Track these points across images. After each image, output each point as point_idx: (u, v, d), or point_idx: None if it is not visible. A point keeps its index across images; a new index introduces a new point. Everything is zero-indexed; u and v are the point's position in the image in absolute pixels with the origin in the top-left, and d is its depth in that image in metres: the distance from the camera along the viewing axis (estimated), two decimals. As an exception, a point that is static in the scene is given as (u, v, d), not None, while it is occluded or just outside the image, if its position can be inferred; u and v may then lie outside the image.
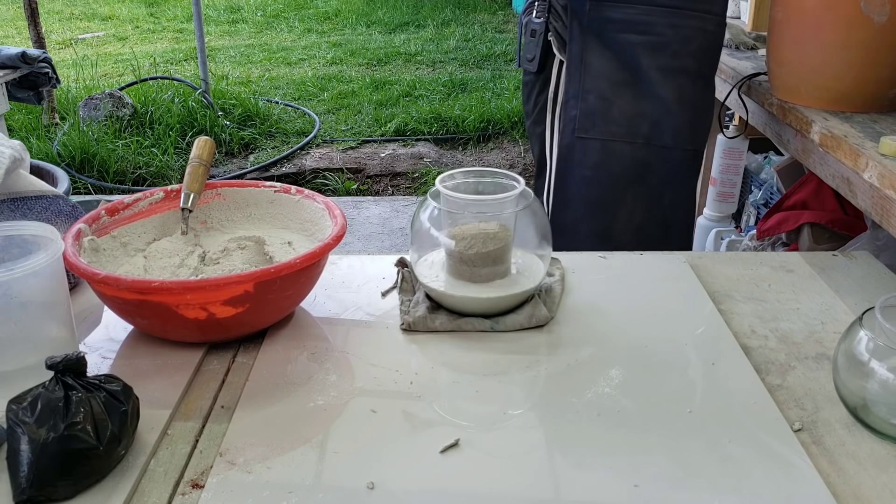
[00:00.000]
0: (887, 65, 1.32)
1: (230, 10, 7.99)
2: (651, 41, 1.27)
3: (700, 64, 1.31)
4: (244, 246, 0.96)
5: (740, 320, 0.93)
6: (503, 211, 0.90)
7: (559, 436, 0.72)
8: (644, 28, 1.28)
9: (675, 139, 1.34)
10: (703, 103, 1.37)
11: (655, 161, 1.34)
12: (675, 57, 1.28)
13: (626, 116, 1.31)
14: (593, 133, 1.33)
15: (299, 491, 0.66)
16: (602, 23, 1.30)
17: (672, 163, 1.36)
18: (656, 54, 1.28)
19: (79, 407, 0.65)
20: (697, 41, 1.27)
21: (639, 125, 1.30)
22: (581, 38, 1.32)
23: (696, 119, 1.36)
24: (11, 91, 2.75)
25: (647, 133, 1.31)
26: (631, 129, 1.31)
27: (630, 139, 1.31)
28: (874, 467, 0.69)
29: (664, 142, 1.34)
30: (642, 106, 1.30)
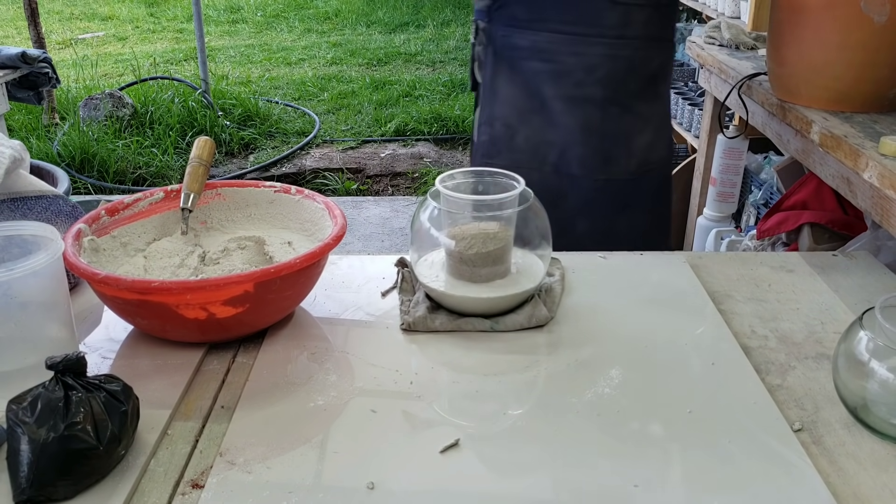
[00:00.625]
0: (887, 65, 1.32)
1: (230, 10, 7.99)
2: (555, 69, 1.22)
3: (612, 91, 1.23)
4: (244, 246, 0.96)
5: (740, 320, 0.93)
6: (503, 211, 0.90)
7: (559, 436, 0.72)
8: (548, 56, 1.23)
9: (582, 168, 1.29)
10: (620, 132, 1.28)
11: (567, 189, 1.30)
12: (578, 86, 1.23)
13: (531, 144, 1.28)
14: (499, 159, 1.31)
15: (299, 491, 0.66)
16: (512, 49, 1.26)
17: (582, 192, 1.30)
18: (559, 83, 1.23)
19: (79, 407, 0.65)
20: (605, 69, 1.20)
21: (546, 153, 1.26)
22: (493, 64, 1.30)
23: (608, 148, 1.29)
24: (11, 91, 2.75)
25: (555, 161, 1.27)
26: (537, 156, 1.27)
27: (537, 166, 1.27)
28: (874, 467, 0.69)
29: (571, 170, 1.29)
30: (548, 134, 1.26)
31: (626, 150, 1.29)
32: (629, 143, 1.29)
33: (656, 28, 1.18)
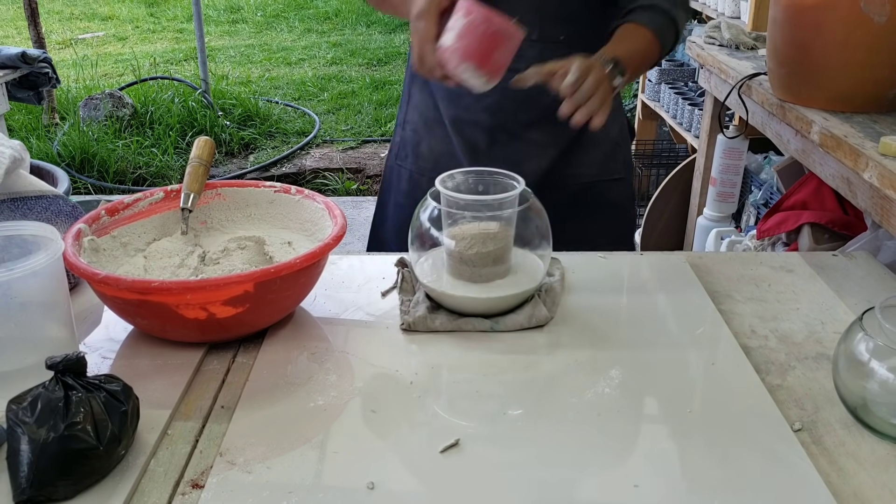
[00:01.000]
0: (887, 65, 1.32)
1: (230, 10, 7.99)
2: (449, 90, 1.21)
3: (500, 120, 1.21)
4: (244, 246, 0.96)
5: (740, 320, 0.93)
6: (503, 211, 0.90)
7: (559, 436, 0.72)
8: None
9: None
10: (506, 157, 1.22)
11: None
12: (467, 110, 1.22)
13: (433, 154, 1.28)
14: (406, 163, 1.32)
15: (299, 491, 0.66)
16: None
17: None
18: (451, 104, 1.23)
19: (79, 407, 0.64)
20: (493, 98, 1.16)
21: (446, 165, 1.26)
22: (411, 70, 1.30)
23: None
24: (11, 91, 2.75)
25: None
26: (438, 167, 1.25)
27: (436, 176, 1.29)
28: (874, 467, 0.69)
29: None
30: (450, 147, 1.26)
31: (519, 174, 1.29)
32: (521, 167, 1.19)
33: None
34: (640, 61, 1.08)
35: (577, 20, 1.13)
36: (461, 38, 0.87)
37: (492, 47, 0.87)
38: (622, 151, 1.30)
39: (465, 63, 0.87)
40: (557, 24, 1.14)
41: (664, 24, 1.09)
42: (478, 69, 0.87)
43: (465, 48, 0.87)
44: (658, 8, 1.09)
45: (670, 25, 1.10)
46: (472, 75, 0.88)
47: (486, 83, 0.90)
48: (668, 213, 2.56)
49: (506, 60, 0.90)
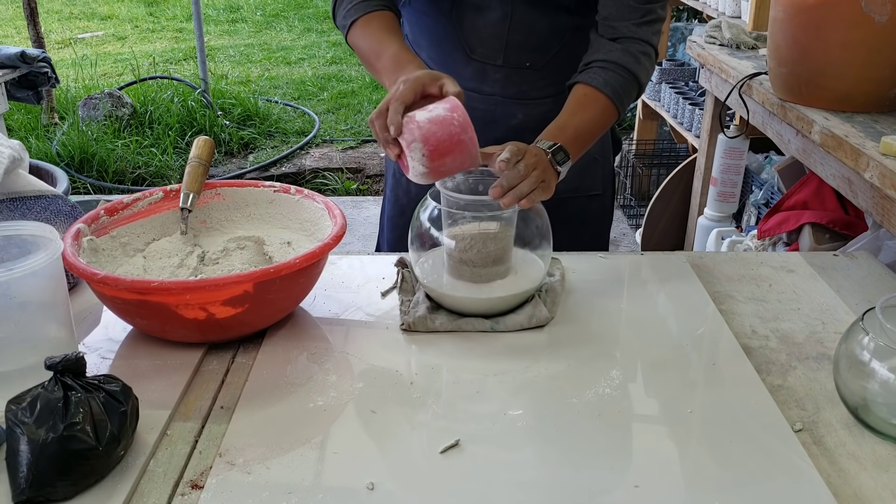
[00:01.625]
0: (888, 64, 1.32)
1: (230, 9, 7.99)
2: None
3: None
4: (243, 246, 0.96)
5: (741, 320, 0.93)
6: (503, 211, 0.90)
7: (559, 436, 0.72)
8: None
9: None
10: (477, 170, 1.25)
11: None
12: None
13: None
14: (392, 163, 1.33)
15: (299, 491, 0.65)
16: None
17: None
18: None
19: (78, 407, 0.64)
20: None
21: None
22: None
23: None
24: (10, 91, 2.75)
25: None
26: None
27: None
28: (875, 467, 0.69)
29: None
30: None
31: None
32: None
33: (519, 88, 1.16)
34: (590, 135, 1.03)
35: (543, 48, 1.13)
36: (432, 123, 0.85)
37: (450, 150, 0.85)
38: (601, 167, 1.28)
39: (418, 143, 0.85)
40: (523, 52, 1.14)
41: (623, 85, 1.04)
42: (425, 157, 0.85)
43: (430, 133, 0.85)
44: (619, 66, 1.04)
45: (631, 84, 1.05)
46: (416, 158, 0.85)
47: (419, 173, 0.87)
48: (668, 213, 2.56)
49: (451, 171, 0.87)
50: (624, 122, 4.28)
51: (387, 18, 1.09)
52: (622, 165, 3.41)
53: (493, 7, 1.10)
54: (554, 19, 1.11)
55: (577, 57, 1.12)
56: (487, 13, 1.11)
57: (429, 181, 0.89)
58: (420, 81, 0.90)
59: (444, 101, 0.88)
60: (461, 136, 0.85)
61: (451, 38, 1.15)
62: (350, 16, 1.12)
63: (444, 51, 1.16)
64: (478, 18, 1.12)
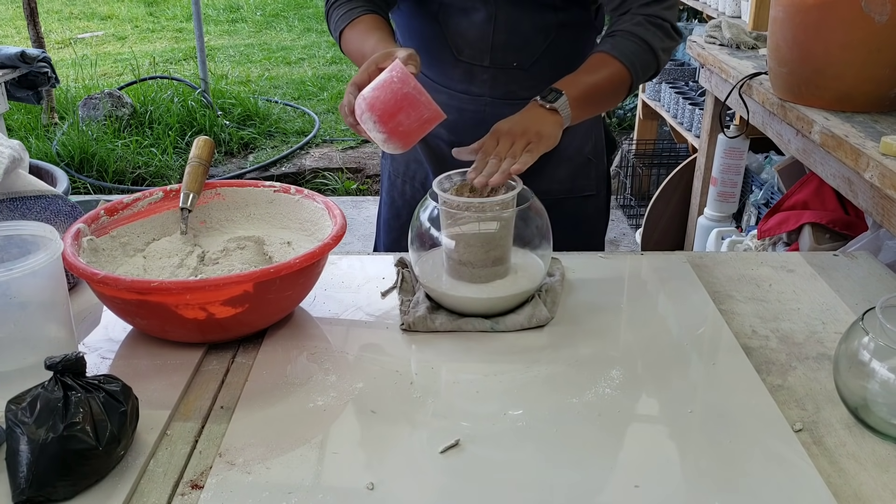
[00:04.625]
0: (888, 64, 1.32)
1: (229, 9, 7.99)
2: None
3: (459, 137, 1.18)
4: (243, 246, 0.96)
5: (741, 320, 0.93)
6: (503, 211, 0.90)
7: (559, 436, 0.72)
8: None
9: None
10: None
11: None
12: None
13: (405, 158, 1.30)
14: (386, 163, 1.34)
15: (299, 491, 0.65)
16: None
17: None
18: None
19: (78, 407, 0.64)
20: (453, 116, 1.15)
21: (415, 170, 1.28)
22: None
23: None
24: (10, 91, 2.75)
25: (423, 180, 1.29)
26: (409, 171, 1.30)
27: (409, 180, 1.30)
28: (875, 467, 0.69)
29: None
30: (417, 155, 1.27)
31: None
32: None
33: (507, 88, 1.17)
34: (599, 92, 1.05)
35: (529, 48, 1.13)
36: (374, 90, 0.85)
37: (398, 108, 0.84)
38: (596, 167, 1.29)
39: (367, 113, 0.85)
40: (509, 52, 1.14)
41: (633, 49, 1.05)
42: (378, 123, 0.84)
43: (373, 99, 0.85)
44: (627, 33, 1.06)
45: (643, 49, 1.06)
46: (373, 129, 0.85)
47: (387, 142, 0.87)
48: (668, 213, 2.56)
49: (413, 128, 0.86)
50: (624, 121, 4.28)
51: (372, 20, 1.10)
52: (622, 165, 3.41)
53: (477, 8, 1.11)
54: (539, 18, 1.12)
55: (563, 56, 1.13)
56: (473, 14, 1.12)
57: (399, 147, 0.88)
58: (373, 61, 0.92)
59: (388, 68, 0.88)
60: (403, 90, 0.84)
61: (438, 40, 1.16)
62: (340, 24, 1.13)
63: (433, 54, 1.17)
64: (463, 20, 1.13)
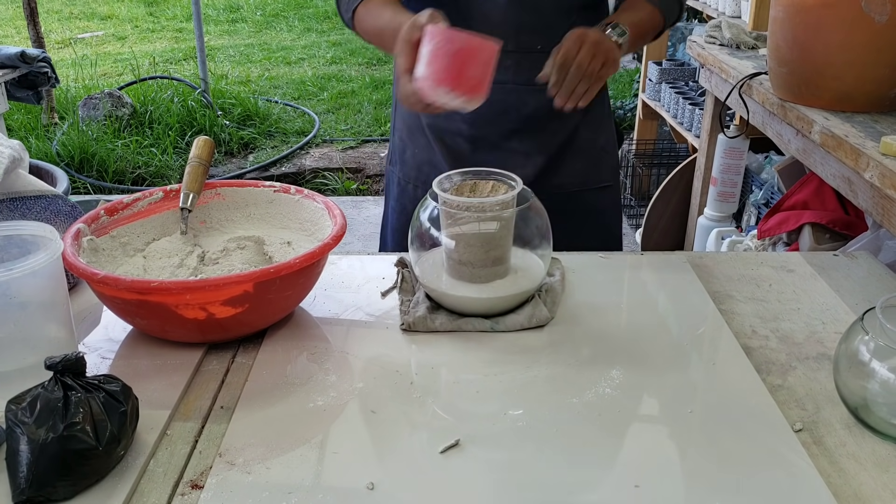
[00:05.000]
0: (888, 64, 1.32)
1: (229, 9, 7.99)
2: None
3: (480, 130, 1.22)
4: (243, 246, 0.96)
5: (741, 320, 0.93)
6: (502, 211, 0.90)
7: (559, 436, 0.72)
8: None
9: None
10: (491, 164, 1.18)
11: None
12: (447, 119, 1.22)
13: (416, 162, 1.29)
14: (395, 168, 1.34)
15: (299, 491, 0.65)
16: None
17: None
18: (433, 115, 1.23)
19: (78, 407, 0.64)
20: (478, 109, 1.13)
21: (428, 173, 1.27)
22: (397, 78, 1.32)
23: None
24: (10, 90, 2.75)
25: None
26: (421, 175, 1.28)
27: (421, 184, 1.29)
28: (875, 467, 0.69)
29: None
30: (430, 156, 1.27)
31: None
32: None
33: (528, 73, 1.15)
34: (640, 31, 1.11)
35: (551, 30, 1.14)
36: (430, 65, 0.85)
37: (462, 66, 0.84)
38: (609, 158, 1.30)
39: (439, 88, 0.85)
40: (533, 35, 1.15)
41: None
42: (453, 91, 0.84)
43: (435, 73, 0.85)
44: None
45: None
46: (450, 98, 0.85)
47: (468, 102, 0.87)
48: (668, 213, 2.56)
49: (482, 74, 0.86)
50: (624, 121, 4.28)
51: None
52: (622, 165, 3.41)
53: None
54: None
55: None
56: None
57: (481, 96, 0.89)
58: (405, 41, 0.91)
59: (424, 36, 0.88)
60: (453, 48, 0.85)
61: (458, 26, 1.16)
62: (349, 7, 1.12)
63: None
64: (485, 3, 1.13)
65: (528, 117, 1.19)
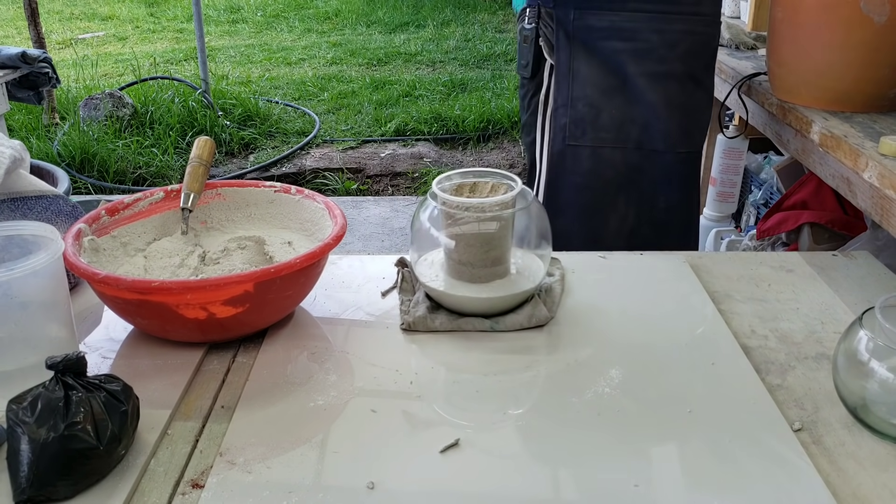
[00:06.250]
0: (887, 64, 1.32)
1: (230, 10, 7.99)
2: (636, 47, 1.26)
3: (689, 66, 1.29)
4: (244, 246, 0.96)
5: (740, 320, 0.93)
6: (502, 212, 0.90)
7: (559, 436, 0.72)
8: (628, 35, 1.27)
9: (666, 143, 1.34)
10: (695, 105, 1.35)
11: (647, 165, 1.34)
12: (661, 62, 1.27)
13: (615, 123, 1.31)
14: (583, 140, 1.33)
15: (299, 491, 0.66)
16: (587, 31, 1.29)
17: (664, 166, 1.35)
18: (642, 60, 1.27)
19: (79, 407, 0.65)
20: (685, 44, 1.25)
21: (629, 131, 1.30)
22: (568, 47, 1.32)
23: (688, 122, 1.35)
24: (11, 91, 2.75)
25: (638, 138, 1.31)
26: (621, 135, 1.30)
27: (621, 144, 1.31)
28: (874, 467, 0.69)
29: (655, 146, 1.33)
30: (631, 111, 1.29)
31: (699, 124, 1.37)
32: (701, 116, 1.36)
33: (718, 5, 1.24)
34: None
35: None
36: None
37: None
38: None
39: None
40: None
41: None
42: None
43: None
44: None
45: None
46: None
47: None
48: (668, 213, 2.55)
49: None
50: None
51: None
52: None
53: None
54: None
55: None
56: None
57: None
58: None
59: None
60: None
61: None
62: None
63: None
64: None
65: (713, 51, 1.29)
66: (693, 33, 1.19)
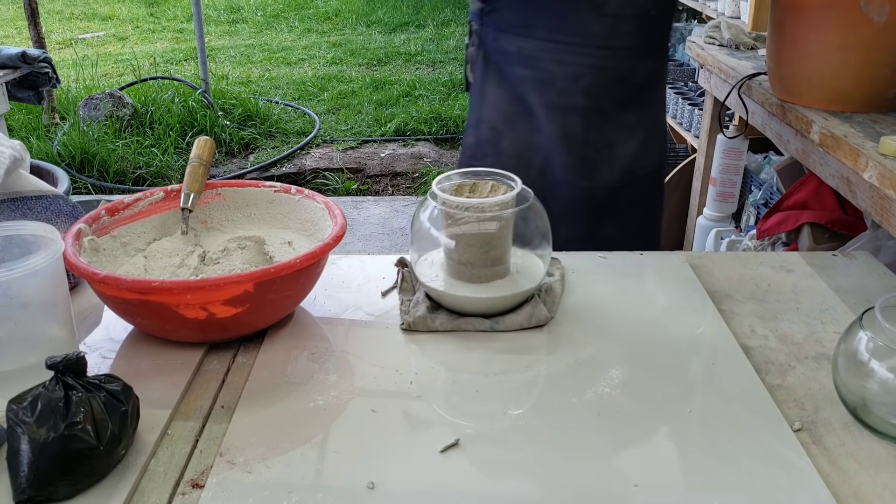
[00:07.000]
0: (887, 64, 1.32)
1: (230, 10, 8.00)
2: (538, 77, 1.21)
3: (596, 101, 1.21)
4: (244, 246, 0.96)
5: (740, 320, 0.93)
6: (502, 212, 0.90)
7: (559, 436, 0.72)
8: (533, 63, 1.22)
9: (565, 176, 1.28)
10: (601, 140, 1.25)
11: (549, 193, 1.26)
12: (561, 94, 1.21)
13: (516, 149, 1.27)
14: (484, 162, 1.31)
15: (299, 491, 0.66)
16: (500, 54, 1.25)
17: (565, 199, 1.29)
18: (543, 90, 1.22)
19: (79, 407, 0.65)
20: (589, 78, 1.17)
21: (531, 157, 1.25)
22: (483, 67, 1.29)
23: (591, 156, 1.27)
24: (11, 91, 2.75)
25: (540, 165, 1.26)
26: (522, 161, 1.26)
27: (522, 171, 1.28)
28: (874, 467, 0.69)
29: (555, 176, 1.29)
30: (533, 139, 1.25)
31: (609, 159, 1.27)
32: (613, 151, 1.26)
33: (645, 38, 1.16)
34: None
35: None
36: None
37: None
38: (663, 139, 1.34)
39: None
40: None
41: None
42: None
43: None
44: None
45: None
46: None
47: None
48: (667, 213, 2.55)
49: None
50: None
51: None
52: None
53: None
54: None
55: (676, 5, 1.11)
56: None
57: None
58: None
59: None
60: None
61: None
62: None
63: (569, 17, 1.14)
64: None
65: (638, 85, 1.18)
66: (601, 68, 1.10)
